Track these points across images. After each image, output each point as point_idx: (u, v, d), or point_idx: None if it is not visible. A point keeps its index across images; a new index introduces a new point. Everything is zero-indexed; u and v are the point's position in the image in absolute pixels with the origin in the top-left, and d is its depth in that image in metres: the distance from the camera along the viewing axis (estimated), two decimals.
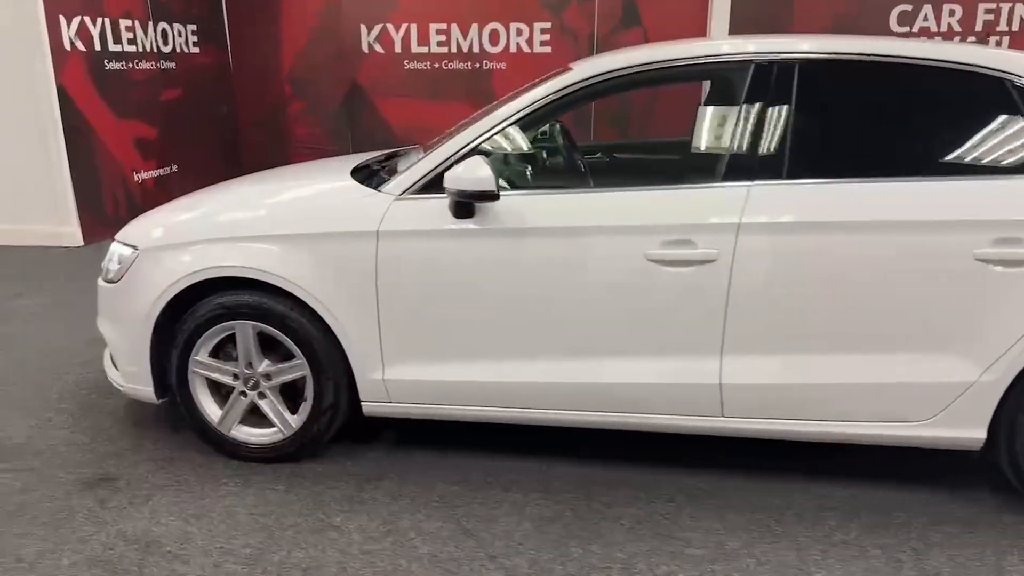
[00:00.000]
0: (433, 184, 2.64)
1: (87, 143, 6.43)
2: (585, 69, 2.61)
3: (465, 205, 2.56)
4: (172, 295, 2.78)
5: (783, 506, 2.64)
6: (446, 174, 2.51)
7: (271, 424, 2.91)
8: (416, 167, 2.68)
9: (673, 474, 2.83)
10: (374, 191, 2.71)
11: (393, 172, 2.83)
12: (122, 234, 3.04)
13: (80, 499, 2.70)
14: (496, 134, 2.64)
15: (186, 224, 2.85)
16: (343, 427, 2.94)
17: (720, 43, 2.57)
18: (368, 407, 2.82)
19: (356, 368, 2.75)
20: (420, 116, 8.25)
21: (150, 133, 7.22)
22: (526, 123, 2.68)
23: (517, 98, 2.69)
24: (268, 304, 2.72)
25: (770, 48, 2.52)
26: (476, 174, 2.44)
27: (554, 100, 2.62)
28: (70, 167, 6.26)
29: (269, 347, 2.82)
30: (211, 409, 2.93)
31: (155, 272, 2.81)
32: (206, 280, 2.76)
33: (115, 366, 3.07)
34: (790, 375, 2.48)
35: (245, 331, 2.78)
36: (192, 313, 2.79)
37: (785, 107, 2.48)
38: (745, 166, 2.47)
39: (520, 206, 2.55)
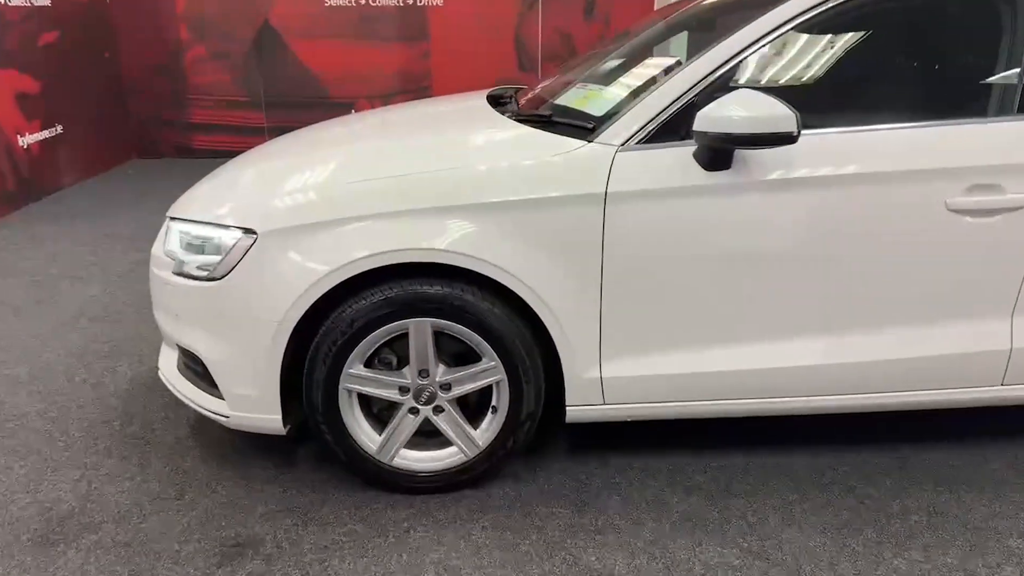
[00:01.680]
0: (666, 128, 2.09)
1: None
2: None
3: (722, 154, 2.04)
4: (322, 292, 2.07)
5: None
6: (703, 114, 1.96)
7: (445, 444, 2.28)
8: (640, 108, 2.10)
9: (887, 452, 2.50)
10: (583, 142, 2.12)
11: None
12: (202, 212, 2.25)
13: None
14: (740, 62, 2.11)
15: (327, 196, 2.12)
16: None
17: None
18: (575, 413, 2.26)
19: (567, 366, 2.18)
20: (345, 60, 7.35)
21: (32, 86, 5.90)
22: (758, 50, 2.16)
23: (752, 22, 2.14)
24: (455, 295, 2.08)
25: None
26: (762, 112, 1.91)
27: (803, 21, 2.12)
28: None
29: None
30: (367, 433, 2.26)
31: (293, 262, 2.07)
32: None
33: (209, 390, 2.30)
34: None
35: (422, 331, 2.13)
36: (344, 314, 2.10)
37: None
38: None
39: (798, 150, 2.05)
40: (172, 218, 2.36)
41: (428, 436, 2.30)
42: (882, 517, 2.19)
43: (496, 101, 2.81)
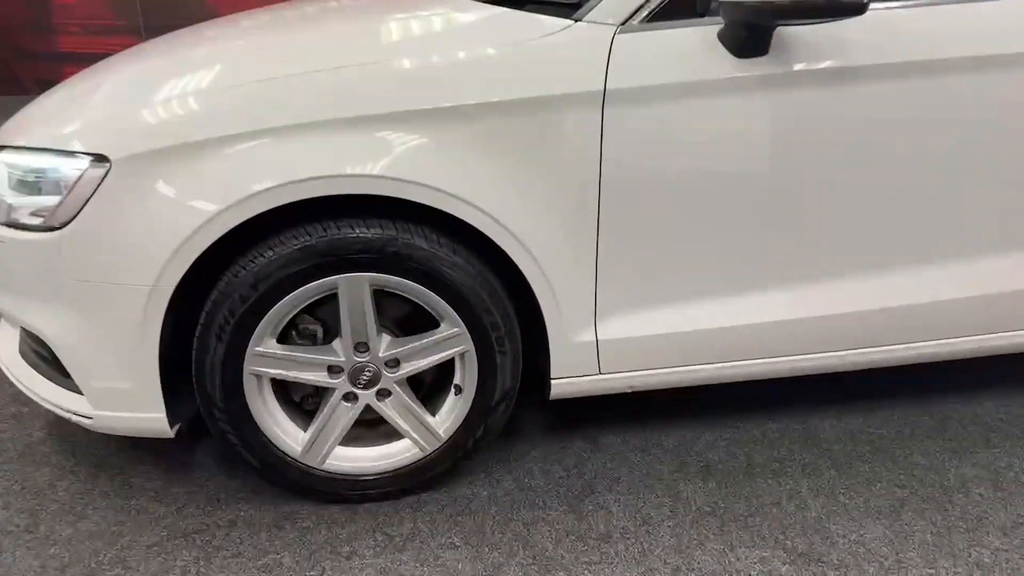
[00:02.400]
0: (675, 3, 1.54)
1: None
2: None
3: (759, 33, 1.51)
4: (211, 241, 1.47)
5: None
6: None
7: (394, 436, 1.74)
8: None
9: (920, 408, 2.11)
10: (568, 21, 1.55)
11: None
12: (37, 136, 1.59)
13: None
14: None
15: (211, 104, 1.49)
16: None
17: None
18: (562, 387, 1.74)
19: (553, 328, 1.66)
20: None
21: None
22: None
23: None
24: (401, 240, 1.52)
25: None
26: None
27: None
28: None
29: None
30: (287, 430, 1.68)
31: (166, 200, 1.46)
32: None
33: (63, 383, 1.67)
34: None
35: (357, 291, 1.55)
36: (244, 271, 1.50)
37: None
38: None
39: (856, 30, 1.54)
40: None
41: (371, 426, 1.75)
42: (940, 492, 1.78)
43: None
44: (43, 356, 1.71)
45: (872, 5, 1.48)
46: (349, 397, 1.66)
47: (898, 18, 1.57)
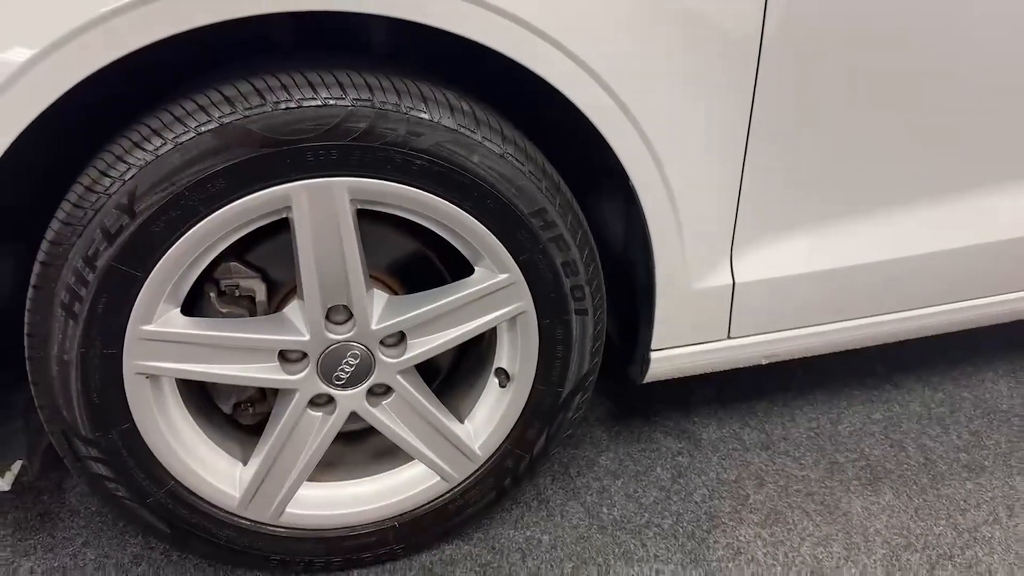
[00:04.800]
0: None
1: None
2: None
3: None
4: (19, 129, 0.72)
5: None
6: None
7: (395, 458, 1.04)
8: None
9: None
10: None
11: None
12: None
13: None
14: None
15: None
16: None
17: None
18: (665, 362, 1.07)
19: (667, 267, 0.98)
20: None
21: None
22: None
23: None
24: (411, 114, 0.80)
25: None
26: None
27: None
28: None
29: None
30: (212, 464, 0.96)
31: None
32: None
33: None
34: None
35: (327, 212, 0.83)
36: (108, 183, 0.77)
37: None
38: None
39: None
40: None
41: (354, 440, 1.06)
42: None
43: None
44: None
45: None
46: (320, 402, 0.95)
47: None
